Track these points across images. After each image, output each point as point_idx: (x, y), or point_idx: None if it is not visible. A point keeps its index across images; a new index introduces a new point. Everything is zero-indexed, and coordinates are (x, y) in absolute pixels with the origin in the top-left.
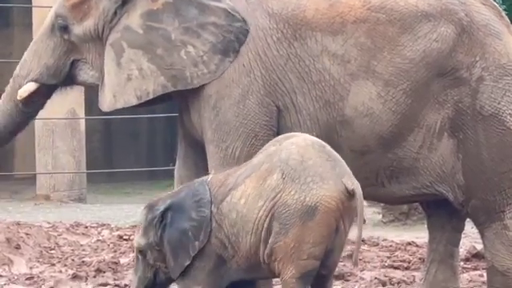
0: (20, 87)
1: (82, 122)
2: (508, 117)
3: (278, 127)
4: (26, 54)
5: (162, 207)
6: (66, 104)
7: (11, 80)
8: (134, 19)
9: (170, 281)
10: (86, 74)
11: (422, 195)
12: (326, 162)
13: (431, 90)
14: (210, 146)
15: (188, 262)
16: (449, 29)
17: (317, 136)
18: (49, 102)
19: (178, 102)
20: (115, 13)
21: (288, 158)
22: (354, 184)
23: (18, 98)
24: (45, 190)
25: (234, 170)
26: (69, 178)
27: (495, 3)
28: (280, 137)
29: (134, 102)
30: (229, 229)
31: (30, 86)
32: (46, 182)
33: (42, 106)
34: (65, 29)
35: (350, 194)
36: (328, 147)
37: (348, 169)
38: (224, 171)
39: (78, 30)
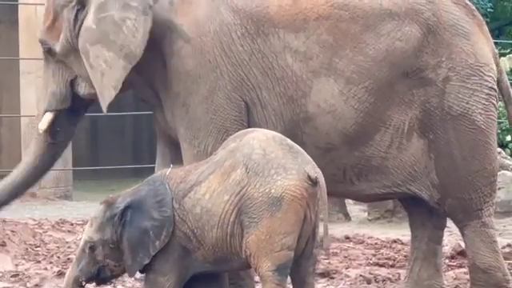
0: None
1: None
2: (478, 116)
3: (248, 122)
4: (39, 94)
5: (121, 205)
6: None
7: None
8: (89, 18)
9: (113, 278)
10: (81, 88)
11: (394, 193)
12: (288, 153)
13: (396, 89)
14: (183, 144)
15: (147, 261)
16: (413, 28)
17: (281, 132)
18: (34, 99)
19: (149, 100)
20: (76, 19)
21: (251, 152)
22: (317, 172)
23: (40, 131)
24: (30, 187)
25: (195, 167)
26: (55, 175)
27: (467, 1)
28: (238, 133)
29: (114, 93)
30: (193, 223)
31: (47, 117)
32: None
33: (71, 133)
34: (50, 51)
35: (314, 182)
36: (288, 140)
37: (310, 159)
38: (183, 167)
39: (58, 48)
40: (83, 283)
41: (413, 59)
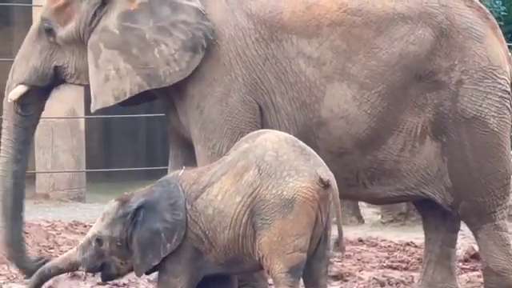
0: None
1: (82, 122)
2: (491, 119)
3: (262, 125)
4: (15, 59)
5: (135, 204)
6: (65, 103)
7: (6, 90)
8: (111, 20)
9: (118, 276)
10: (71, 77)
11: (408, 196)
12: (300, 155)
13: (409, 93)
14: (197, 146)
15: (157, 263)
16: (427, 32)
17: (294, 136)
18: (48, 101)
19: (162, 102)
20: (95, 15)
21: (264, 154)
22: (329, 175)
23: (9, 100)
24: (44, 189)
25: (207, 168)
26: (68, 177)
27: (481, 4)
28: (250, 134)
29: (112, 101)
30: (205, 224)
31: (20, 89)
32: (46, 181)
33: (41, 108)
34: (50, 31)
35: (325, 185)
36: (300, 142)
37: (322, 161)
38: (195, 169)
39: (62, 32)
40: (83, 272)
41: (426, 63)
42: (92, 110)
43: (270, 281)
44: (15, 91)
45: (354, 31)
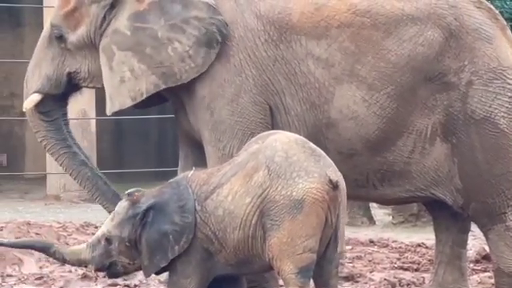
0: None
1: (93, 123)
2: (501, 119)
3: (272, 126)
4: (28, 68)
5: (144, 205)
6: (76, 104)
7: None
8: (121, 22)
9: (124, 274)
10: (84, 81)
11: (418, 198)
12: (310, 156)
13: (418, 94)
14: (207, 147)
15: (165, 264)
16: (436, 33)
17: (304, 137)
18: None
19: (172, 103)
20: (104, 17)
21: (273, 154)
22: (338, 176)
23: (24, 109)
24: (55, 190)
25: (217, 169)
26: None
27: (490, 5)
28: (260, 135)
29: (129, 103)
30: (215, 225)
31: (35, 97)
32: (57, 182)
33: (64, 111)
34: (60, 38)
35: (334, 186)
36: (310, 143)
37: (331, 162)
38: (205, 170)
39: (72, 38)
40: (92, 270)
41: (435, 64)
42: (109, 113)
43: (281, 282)
44: (29, 100)
45: (363, 33)
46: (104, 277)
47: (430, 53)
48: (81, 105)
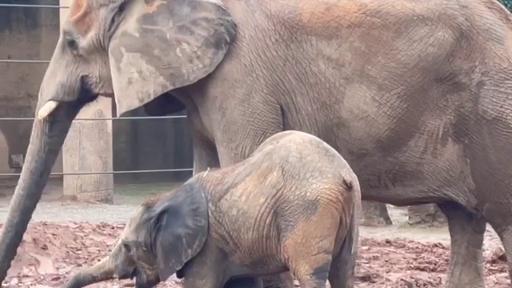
0: None
1: (109, 123)
2: None
3: (283, 126)
4: (44, 77)
5: (158, 209)
6: (93, 105)
7: (37, 109)
8: (130, 24)
9: (150, 283)
10: (96, 87)
11: (430, 198)
12: (324, 157)
13: (429, 95)
14: (220, 147)
15: (179, 267)
16: (446, 33)
17: (316, 136)
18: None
19: (185, 104)
20: (113, 20)
21: (287, 155)
22: (352, 176)
23: (39, 117)
24: (72, 191)
25: (231, 169)
26: (95, 179)
27: (502, 6)
28: (275, 135)
29: (137, 104)
30: (229, 225)
31: (50, 105)
32: (73, 183)
33: (66, 129)
34: (72, 44)
35: (348, 186)
36: (325, 144)
37: (346, 163)
38: (220, 169)
39: (83, 43)
40: (118, 279)
41: (446, 64)
42: (118, 114)
43: (297, 282)
44: (45, 107)
45: (373, 33)
46: None
47: (441, 53)
48: (97, 105)
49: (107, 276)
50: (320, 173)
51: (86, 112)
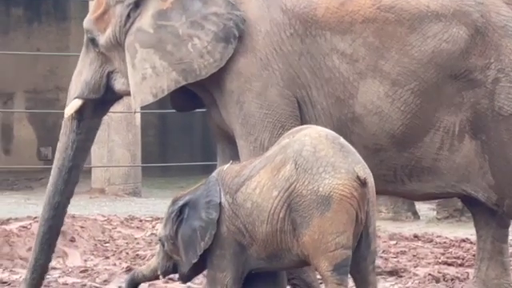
0: None
1: (138, 116)
2: None
3: (300, 119)
4: (73, 76)
5: (181, 202)
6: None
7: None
8: (145, 20)
9: (190, 275)
10: (118, 82)
11: (448, 194)
12: (339, 152)
13: (443, 91)
14: (239, 141)
15: (196, 260)
16: (461, 30)
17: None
18: None
19: (204, 99)
20: (129, 16)
21: (301, 149)
22: (366, 173)
23: (65, 115)
24: (100, 184)
25: (250, 162)
26: (124, 172)
27: None
28: (293, 129)
29: (151, 99)
30: (245, 218)
31: (75, 103)
32: (101, 176)
33: (94, 126)
34: (93, 41)
35: (362, 183)
36: (341, 139)
37: (361, 159)
38: (241, 163)
39: (102, 40)
40: (160, 276)
41: (460, 61)
42: (133, 110)
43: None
44: (71, 105)
45: (387, 28)
46: None
47: (455, 50)
48: (126, 98)
49: (154, 274)
50: (333, 168)
51: (115, 105)
